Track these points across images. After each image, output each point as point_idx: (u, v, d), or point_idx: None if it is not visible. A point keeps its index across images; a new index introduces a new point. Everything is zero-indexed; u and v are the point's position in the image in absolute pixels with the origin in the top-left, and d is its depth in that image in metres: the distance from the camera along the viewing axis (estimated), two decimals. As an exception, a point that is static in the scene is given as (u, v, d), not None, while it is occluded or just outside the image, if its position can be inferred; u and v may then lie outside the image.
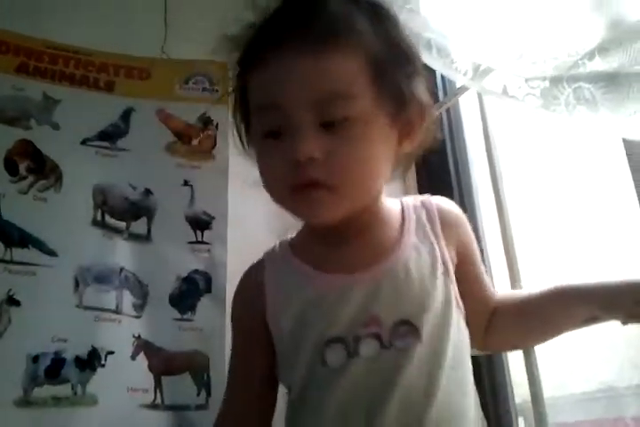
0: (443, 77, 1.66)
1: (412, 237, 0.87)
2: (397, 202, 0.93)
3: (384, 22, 0.83)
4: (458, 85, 1.51)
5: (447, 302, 0.83)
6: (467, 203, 1.56)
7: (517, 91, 1.09)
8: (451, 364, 0.80)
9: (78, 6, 1.62)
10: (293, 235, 0.94)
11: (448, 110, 1.65)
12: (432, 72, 1.53)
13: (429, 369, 0.78)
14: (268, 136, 0.80)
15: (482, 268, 0.93)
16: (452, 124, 1.66)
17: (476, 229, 1.52)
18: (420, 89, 0.85)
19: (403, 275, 0.82)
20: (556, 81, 1.01)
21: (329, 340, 0.80)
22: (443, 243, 0.87)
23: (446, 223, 0.90)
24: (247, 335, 0.91)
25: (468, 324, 0.87)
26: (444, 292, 0.83)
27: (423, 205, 0.92)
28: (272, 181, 0.82)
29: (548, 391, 1.18)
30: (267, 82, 0.80)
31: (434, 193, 0.98)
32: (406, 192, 1.61)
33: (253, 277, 0.92)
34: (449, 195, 1.54)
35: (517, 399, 1.34)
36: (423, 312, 0.80)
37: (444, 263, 0.85)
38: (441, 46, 1.24)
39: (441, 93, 1.68)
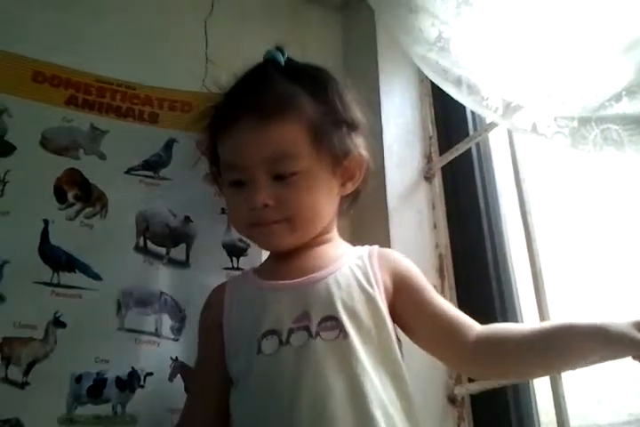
0: (472, 112, 1.70)
1: (351, 260, 1.08)
2: (349, 245, 1.19)
3: (324, 95, 1.12)
4: (488, 121, 1.55)
5: (377, 315, 1.00)
6: (496, 236, 1.58)
7: (546, 129, 1.13)
8: (373, 368, 0.94)
9: (123, 43, 1.71)
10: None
11: (478, 145, 1.68)
12: (462, 106, 1.58)
13: (350, 365, 0.92)
14: (233, 185, 1.12)
15: (434, 298, 1.07)
16: (482, 159, 1.69)
17: (504, 261, 1.55)
18: (357, 144, 1.15)
19: (333, 283, 1.01)
20: (584, 121, 1.05)
21: (265, 332, 0.97)
22: (376, 267, 1.07)
23: (383, 257, 1.11)
24: (208, 338, 1.14)
25: (433, 348, 1.07)
26: (373, 304, 1.01)
27: (371, 246, 1.15)
28: (236, 220, 1.16)
29: (574, 421, 1.20)
30: (231, 146, 1.11)
31: (464, 226, 1.07)
32: (434, 217, 1.64)
33: (216, 293, 1.19)
34: (478, 228, 1.57)
35: (544, 429, 1.36)
36: (348, 313, 0.97)
37: (376, 282, 1.04)
38: (471, 83, 1.28)
39: (470, 127, 1.72)
